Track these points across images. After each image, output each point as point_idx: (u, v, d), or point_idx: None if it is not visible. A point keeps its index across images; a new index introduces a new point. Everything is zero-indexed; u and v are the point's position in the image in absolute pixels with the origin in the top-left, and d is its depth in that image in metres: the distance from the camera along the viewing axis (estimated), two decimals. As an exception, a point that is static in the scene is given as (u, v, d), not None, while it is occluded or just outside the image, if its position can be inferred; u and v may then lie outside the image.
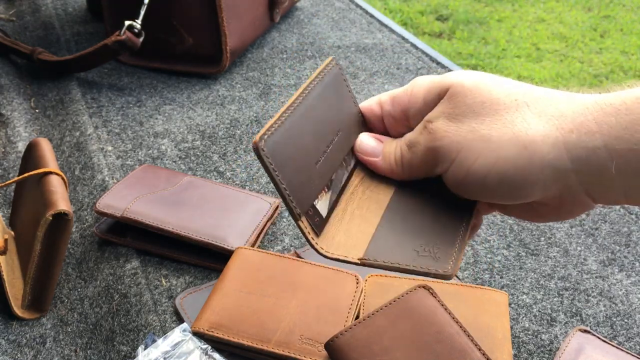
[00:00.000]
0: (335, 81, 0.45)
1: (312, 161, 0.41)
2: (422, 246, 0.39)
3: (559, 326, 0.60)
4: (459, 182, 0.40)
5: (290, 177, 0.39)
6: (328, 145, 0.42)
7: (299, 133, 0.40)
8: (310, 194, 0.40)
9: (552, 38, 2.99)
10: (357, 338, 0.50)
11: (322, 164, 0.42)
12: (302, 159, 0.40)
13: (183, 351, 0.52)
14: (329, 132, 0.43)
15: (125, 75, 0.97)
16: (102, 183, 0.74)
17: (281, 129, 0.39)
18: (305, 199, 0.40)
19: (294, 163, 0.39)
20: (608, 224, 0.74)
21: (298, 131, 0.40)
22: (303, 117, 0.41)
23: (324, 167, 0.42)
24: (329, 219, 0.42)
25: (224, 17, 0.92)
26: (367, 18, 1.23)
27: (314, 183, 0.41)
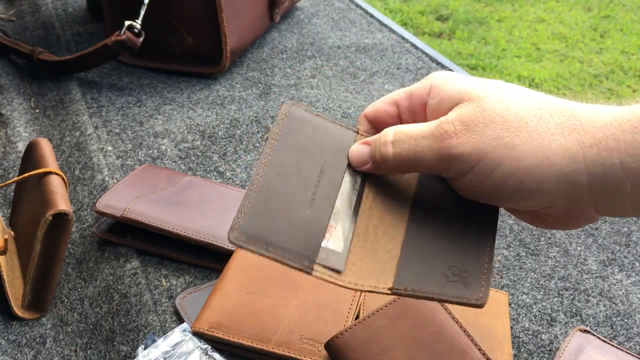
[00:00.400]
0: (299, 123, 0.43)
1: (299, 213, 0.40)
2: (451, 269, 0.38)
3: (559, 326, 0.60)
4: (473, 187, 0.40)
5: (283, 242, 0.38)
6: (315, 186, 0.41)
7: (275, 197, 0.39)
8: (313, 242, 0.39)
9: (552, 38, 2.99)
10: (357, 338, 0.50)
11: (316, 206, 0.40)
12: (285, 218, 0.39)
13: (183, 351, 0.52)
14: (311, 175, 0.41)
15: (125, 75, 0.97)
16: (102, 183, 0.74)
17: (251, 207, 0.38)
18: (310, 248, 0.39)
19: (278, 228, 0.38)
20: (608, 224, 0.74)
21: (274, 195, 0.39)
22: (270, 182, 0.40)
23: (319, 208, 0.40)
24: (350, 248, 0.40)
25: (224, 17, 0.92)
26: (367, 18, 1.23)
27: (314, 229, 0.39)
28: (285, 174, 0.40)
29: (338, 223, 0.41)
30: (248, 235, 0.37)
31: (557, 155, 0.37)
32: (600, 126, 0.37)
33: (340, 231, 0.41)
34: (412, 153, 0.40)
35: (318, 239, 0.39)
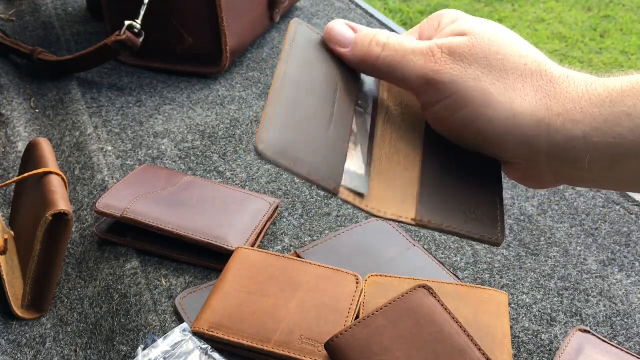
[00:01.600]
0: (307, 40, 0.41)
1: (322, 129, 0.38)
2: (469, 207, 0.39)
3: (559, 326, 0.60)
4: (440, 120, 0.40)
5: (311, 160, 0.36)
6: (332, 105, 0.40)
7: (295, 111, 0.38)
8: (336, 162, 0.38)
9: (552, 38, 2.99)
10: (357, 338, 0.50)
11: (335, 125, 0.39)
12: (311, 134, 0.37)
13: (183, 351, 0.52)
14: (327, 94, 0.40)
15: (125, 75, 0.97)
16: (102, 183, 0.74)
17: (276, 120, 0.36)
18: (334, 169, 0.37)
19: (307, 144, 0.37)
20: (608, 224, 0.74)
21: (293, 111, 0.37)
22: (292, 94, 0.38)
23: (338, 126, 0.39)
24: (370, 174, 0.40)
25: (224, 17, 0.92)
26: (367, 18, 1.23)
27: (336, 149, 0.38)
28: (304, 90, 0.39)
29: (357, 146, 0.40)
30: (276, 148, 0.35)
31: (524, 116, 0.37)
32: (572, 97, 0.37)
33: (360, 154, 0.40)
34: (397, 63, 0.40)
35: (342, 159, 0.38)
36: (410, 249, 0.65)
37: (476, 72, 0.38)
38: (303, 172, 0.36)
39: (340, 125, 0.39)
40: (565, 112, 0.37)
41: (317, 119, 0.38)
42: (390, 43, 0.41)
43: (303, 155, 0.36)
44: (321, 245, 0.65)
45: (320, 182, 0.36)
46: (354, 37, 0.42)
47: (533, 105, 0.38)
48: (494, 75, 0.38)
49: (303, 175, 0.36)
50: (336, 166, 0.38)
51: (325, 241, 0.65)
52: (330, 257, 0.62)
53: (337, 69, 0.42)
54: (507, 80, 0.38)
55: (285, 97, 0.37)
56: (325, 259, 0.61)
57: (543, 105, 0.38)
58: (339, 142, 0.39)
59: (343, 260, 0.62)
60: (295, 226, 0.70)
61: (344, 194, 0.38)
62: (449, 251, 0.68)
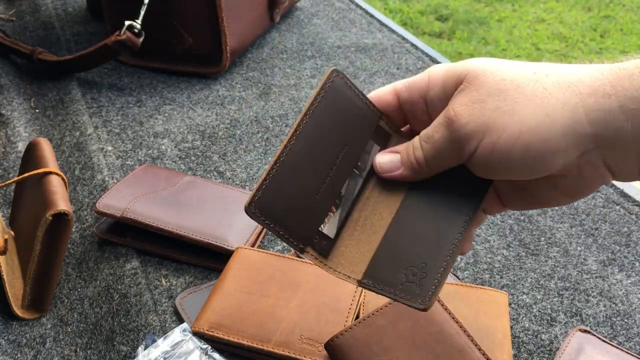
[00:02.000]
0: (336, 97, 0.44)
1: (312, 194, 0.42)
2: (412, 269, 0.41)
3: (559, 326, 0.60)
4: (485, 161, 0.40)
5: (288, 223, 0.41)
6: (332, 167, 0.43)
7: (294, 177, 0.41)
8: (313, 225, 0.42)
9: (552, 38, 2.99)
10: (357, 338, 0.50)
11: (326, 189, 0.43)
12: (300, 199, 0.42)
13: (183, 351, 0.52)
14: (332, 154, 0.43)
15: (125, 75, 0.97)
16: (102, 183, 0.74)
17: (271, 184, 0.40)
18: (308, 232, 0.42)
19: (291, 209, 0.41)
20: (608, 224, 0.74)
21: (293, 176, 0.41)
22: (298, 157, 0.42)
23: (328, 190, 0.43)
24: (339, 235, 0.43)
25: (224, 17, 0.92)
26: (367, 18, 1.23)
27: (317, 213, 0.42)
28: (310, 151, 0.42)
29: (339, 208, 0.43)
30: (262, 210, 0.40)
31: (556, 111, 0.38)
32: (597, 77, 0.38)
33: (337, 217, 0.43)
34: (434, 149, 0.42)
35: (318, 222, 0.42)
36: (410, 249, 0.65)
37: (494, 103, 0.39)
38: (278, 232, 0.41)
39: (331, 190, 0.43)
40: (595, 90, 0.37)
41: (311, 183, 0.42)
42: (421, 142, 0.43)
43: (283, 217, 0.41)
44: (321, 245, 0.65)
45: (290, 242, 0.41)
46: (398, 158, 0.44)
47: (560, 97, 0.38)
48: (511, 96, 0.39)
49: (278, 234, 0.41)
50: (312, 228, 0.42)
51: (325, 241, 0.65)
52: (330, 257, 0.62)
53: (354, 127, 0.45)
54: (525, 93, 0.39)
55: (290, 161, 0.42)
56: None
57: (570, 93, 0.38)
58: (323, 206, 0.43)
59: (343, 260, 0.62)
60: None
61: (309, 252, 0.42)
62: (449, 251, 0.68)
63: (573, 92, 0.38)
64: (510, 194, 0.44)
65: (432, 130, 0.42)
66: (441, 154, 0.42)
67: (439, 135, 0.41)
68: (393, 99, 0.45)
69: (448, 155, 0.41)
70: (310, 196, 0.42)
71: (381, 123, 0.46)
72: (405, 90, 0.45)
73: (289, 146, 0.41)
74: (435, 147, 0.42)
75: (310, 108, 0.43)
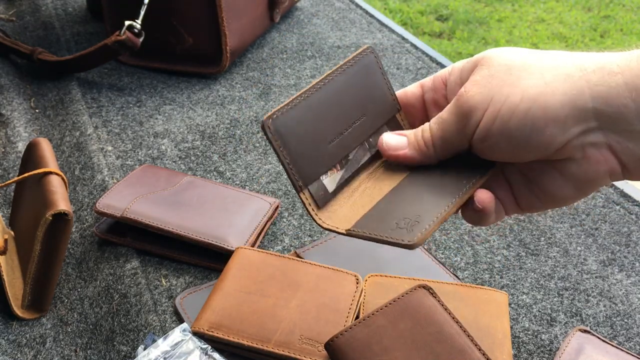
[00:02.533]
0: (367, 68, 0.46)
1: (324, 140, 0.43)
2: (405, 219, 0.41)
3: (559, 326, 0.60)
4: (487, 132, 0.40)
5: (295, 153, 0.41)
6: (347, 127, 0.44)
7: (312, 114, 0.42)
8: (317, 170, 0.42)
9: (552, 38, 2.99)
10: (357, 338, 0.50)
11: (337, 144, 0.44)
12: (312, 138, 0.42)
13: (183, 351, 0.52)
14: (350, 115, 0.45)
15: (125, 75, 0.97)
16: (102, 183, 0.74)
17: (292, 111, 0.41)
18: (310, 173, 0.42)
19: (302, 141, 0.42)
20: (608, 224, 0.74)
21: (311, 113, 0.42)
22: (321, 100, 0.43)
23: (338, 146, 0.44)
24: (337, 195, 0.44)
25: (224, 17, 0.92)
26: (367, 18, 1.23)
27: (324, 160, 0.43)
28: (334, 102, 0.44)
29: (342, 169, 0.44)
30: (277, 129, 0.41)
31: (558, 81, 0.38)
32: (605, 57, 0.38)
33: (339, 177, 0.44)
34: (442, 128, 0.43)
35: (321, 171, 0.43)
36: (410, 249, 0.65)
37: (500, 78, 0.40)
38: (282, 158, 0.41)
39: (341, 148, 0.44)
40: (601, 66, 0.38)
41: (326, 130, 0.43)
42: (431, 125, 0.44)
43: (293, 148, 0.41)
44: (321, 245, 0.65)
45: (291, 174, 0.41)
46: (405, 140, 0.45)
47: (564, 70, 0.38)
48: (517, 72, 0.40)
49: (282, 161, 0.41)
50: (315, 172, 0.43)
51: (325, 241, 0.65)
52: (330, 257, 0.62)
53: (374, 104, 0.47)
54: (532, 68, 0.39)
55: (315, 99, 0.43)
56: (325, 259, 0.61)
57: (575, 67, 0.38)
58: (331, 159, 0.44)
59: (343, 260, 0.62)
60: (295, 226, 0.70)
61: (305, 195, 0.42)
62: (449, 251, 0.68)
63: (578, 67, 0.38)
64: (523, 190, 0.44)
65: (444, 111, 0.43)
66: (448, 132, 0.42)
67: (447, 113, 0.42)
68: (418, 90, 0.48)
69: (455, 132, 0.42)
70: (322, 143, 0.43)
71: (398, 116, 0.48)
72: (429, 80, 0.47)
73: (318, 85, 0.43)
74: (443, 126, 0.42)
75: (342, 66, 0.45)
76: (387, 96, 0.47)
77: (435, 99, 0.47)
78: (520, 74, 0.39)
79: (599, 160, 0.39)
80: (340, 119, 0.44)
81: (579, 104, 0.37)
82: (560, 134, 0.38)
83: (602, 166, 0.40)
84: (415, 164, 0.45)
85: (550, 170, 0.42)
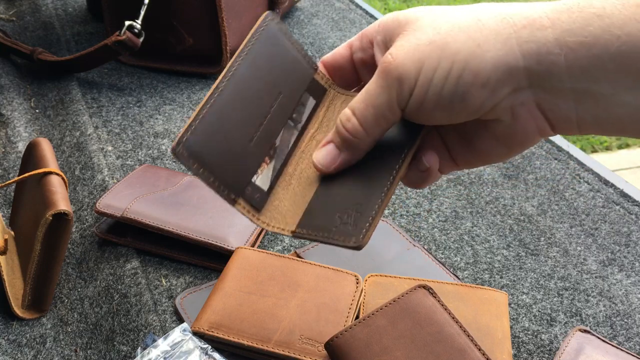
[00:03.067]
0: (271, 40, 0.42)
1: (245, 141, 0.40)
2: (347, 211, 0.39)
3: (559, 326, 0.60)
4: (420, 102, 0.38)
5: (217, 169, 0.38)
6: (266, 114, 0.41)
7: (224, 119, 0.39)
8: (246, 175, 0.39)
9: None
10: (357, 338, 0.50)
11: (260, 137, 0.40)
12: (230, 144, 0.39)
13: (183, 351, 0.52)
14: (266, 101, 0.41)
15: (125, 75, 0.97)
16: (102, 183, 0.74)
17: (201, 125, 0.38)
18: (240, 181, 0.39)
19: (221, 152, 0.38)
20: (608, 224, 0.74)
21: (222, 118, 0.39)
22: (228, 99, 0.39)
23: (262, 139, 0.40)
24: (274, 188, 0.41)
25: (224, 17, 0.92)
26: (367, 18, 1.23)
27: (250, 161, 0.40)
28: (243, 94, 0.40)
29: (273, 159, 0.41)
30: (190, 151, 0.37)
31: (488, 41, 0.36)
32: (535, 10, 0.36)
33: (271, 170, 0.41)
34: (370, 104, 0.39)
35: (251, 172, 0.40)
36: (410, 249, 0.65)
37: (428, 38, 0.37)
38: (208, 180, 0.38)
39: (265, 139, 0.41)
40: (531, 22, 0.36)
41: (243, 129, 0.40)
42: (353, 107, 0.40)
43: (213, 163, 0.38)
44: (321, 245, 0.65)
45: (219, 191, 0.38)
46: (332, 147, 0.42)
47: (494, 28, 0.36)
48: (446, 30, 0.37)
49: (207, 182, 0.38)
50: (243, 178, 0.39)
51: (325, 241, 0.65)
52: (330, 257, 0.62)
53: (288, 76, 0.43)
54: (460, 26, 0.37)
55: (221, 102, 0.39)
56: (325, 259, 0.61)
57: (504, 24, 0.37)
58: (257, 155, 0.40)
59: (343, 260, 0.62)
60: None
61: (240, 205, 0.39)
62: (449, 251, 0.68)
63: (508, 23, 0.36)
64: (458, 148, 0.43)
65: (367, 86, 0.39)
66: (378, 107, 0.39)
67: (373, 85, 0.39)
68: (346, 51, 0.44)
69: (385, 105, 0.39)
70: (243, 143, 0.39)
71: (316, 76, 0.44)
72: (357, 39, 0.43)
73: (220, 87, 0.39)
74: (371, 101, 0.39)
75: (243, 50, 0.40)
76: (299, 61, 0.43)
77: (364, 59, 0.43)
78: (448, 33, 0.37)
79: (528, 120, 0.38)
80: (256, 110, 0.40)
81: (511, 64, 0.36)
82: (491, 97, 0.37)
83: (530, 125, 0.39)
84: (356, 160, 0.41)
85: (481, 130, 0.40)
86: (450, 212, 0.74)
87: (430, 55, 0.37)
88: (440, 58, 0.37)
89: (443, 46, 0.37)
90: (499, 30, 0.36)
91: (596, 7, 0.35)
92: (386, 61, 0.38)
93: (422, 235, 0.70)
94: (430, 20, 0.38)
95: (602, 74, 0.35)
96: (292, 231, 0.40)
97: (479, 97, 0.37)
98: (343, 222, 0.38)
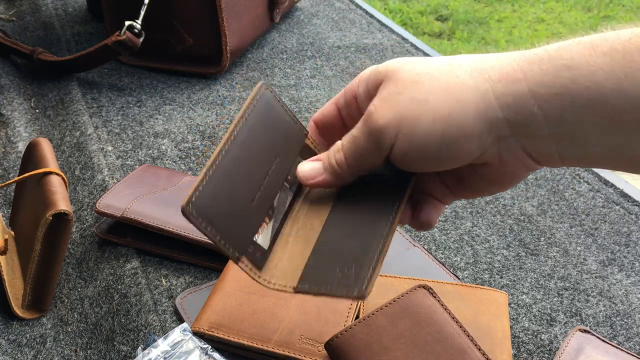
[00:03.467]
0: (266, 106, 0.45)
1: (247, 201, 0.42)
2: (347, 265, 0.40)
3: (559, 326, 0.60)
4: (404, 154, 0.40)
5: (223, 228, 0.40)
6: (265, 176, 0.43)
7: (228, 181, 0.41)
8: (248, 234, 0.42)
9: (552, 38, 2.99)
10: (357, 338, 0.50)
11: (260, 198, 0.43)
12: (234, 205, 0.41)
13: (183, 351, 0.52)
14: (265, 163, 0.44)
15: (125, 75, 0.97)
16: (102, 183, 0.74)
17: (207, 187, 0.40)
18: (243, 240, 0.41)
19: (226, 213, 0.40)
20: (608, 224, 0.74)
21: (227, 180, 0.41)
22: (231, 163, 0.42)
23: (262, 200, 0.43)
24: (273, 247, 0.43)
25: (224, 17, 0.92)
26: (367, 18, 1.23)
27: (252, 221, 0.42)
28: (245, 157, 0.42)
29: (271, 220, 0.44)
30: (199, 211, 0.39)
31: (468, 97, 0.38)
32: (507, 63, 0.38)
33: (270, 229, 0.43)
34: (354, 147, 0.42)
35: (253, 231, 0.42)
36: (410, 249, 0.65)
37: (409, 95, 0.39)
38: (215, 238, 0.40)
39: (264, 200, 0.43)
40: (505, 75, 0.38)
41: (246, 191, 0.42)
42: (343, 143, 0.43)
43: (218, 222, 0.40)
44: (321, 245, 0.65)
45: (225, 249, 0.40)
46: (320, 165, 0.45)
47: (471, 84, 0.38)
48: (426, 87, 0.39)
49: (214, 240, 0.40)
50: (246, 237, 0.42)
51: (325, 241, 0.65)
52: (330, 257, 0.62)
53: (284, 141, 0.46)
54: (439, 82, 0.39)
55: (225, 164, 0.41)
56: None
57: (481, 79, 0.38)
58: (258, 215, 0.43)
59: (343, 260, 0.62)
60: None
61: (244, 263, 0.41)
62: (449, 251, 0.68)
63: (484, 78, 0.38)
64: (454, 184, 0.45)
65: (354, 129, 0.42)
66: (361, 150, 0.42)
67: (358, 132, 0.41)
68: (333, 109, 0.47)
69: (367, 151, 0.41)
70: (245, 203, 0.42)
71: (307, 141, 0.47)
72: (342, 96, 0.46)
73: (224, 149, 0.41)
74: (355, 145, 0.42)
75: (243, 115, 0.43)
76: (292, 127, 0.46)
77: (351, 114, 0.46)
78: (428, 90, 0.39)
79: (515, 162, 0.40)
80: (256, 172, 0.43)
81: (491, 116, 0.38)
82: (476, 146, 0.39)
83: (518, 165, 0.41)
84: (335, 186, 0.44)
85: (472, 173, 0.42)
86: (450, 212, 0.74)
87: (411, 111, 0.39)
88: (422, 113, 0.39)
89: (425, 102, 0.39)
90: (477, 86, 0.38)
91: (565, 59, 0.37)
92: (369, 111, 0.41)
93: (422, 235, 0.70)
94: (408, 73, 0.40)
95: (576, 120, 0.37)
96: (294, 287, 0.41)
97: (466, 148, 0.39)
98: (344, 276, 0.40)
